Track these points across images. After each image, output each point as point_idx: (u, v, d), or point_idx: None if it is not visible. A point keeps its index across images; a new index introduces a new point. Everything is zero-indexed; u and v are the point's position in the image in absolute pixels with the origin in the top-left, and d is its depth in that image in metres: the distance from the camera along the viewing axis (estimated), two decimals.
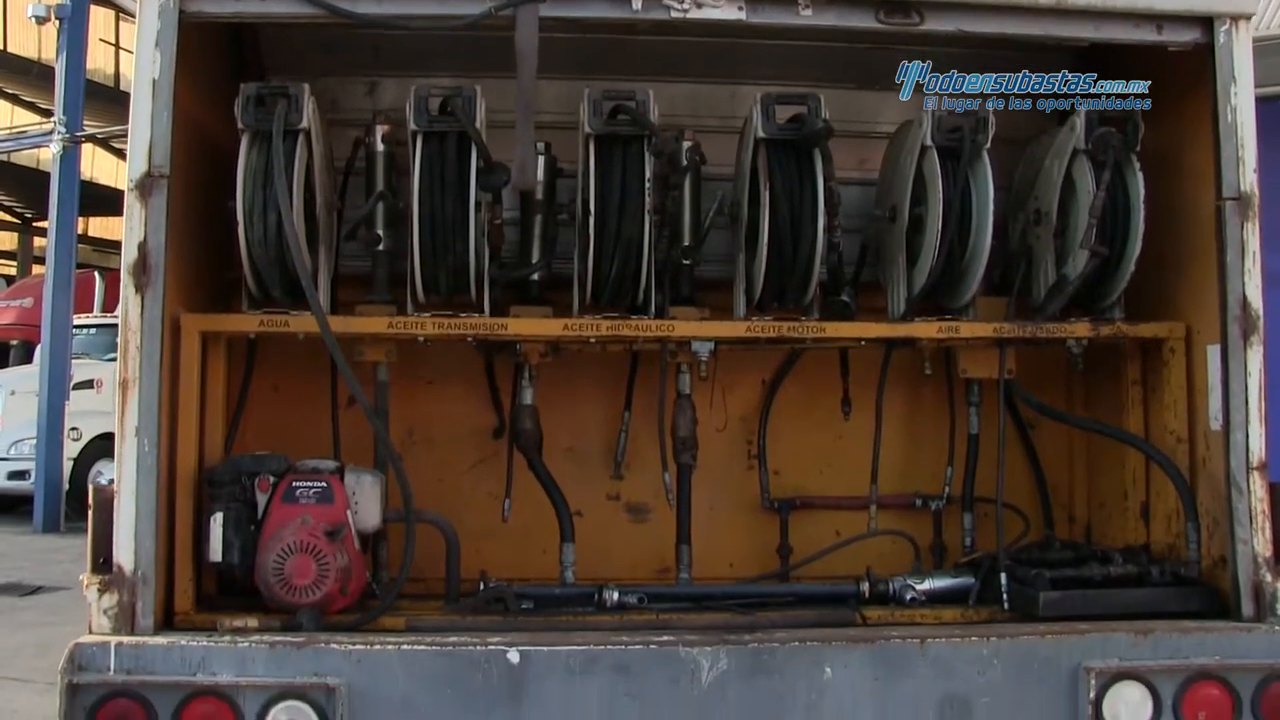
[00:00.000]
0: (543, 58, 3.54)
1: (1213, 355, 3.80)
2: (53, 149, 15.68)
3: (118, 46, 28.13)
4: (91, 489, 3.49)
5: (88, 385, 15.48)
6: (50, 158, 16.23)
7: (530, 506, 4.26)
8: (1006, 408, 4.23)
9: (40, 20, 16.03)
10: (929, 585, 4.03)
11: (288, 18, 3.64)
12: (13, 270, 30.67)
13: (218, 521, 3.59)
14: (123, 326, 3.42)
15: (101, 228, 29.62)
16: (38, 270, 26.13)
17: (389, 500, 3.84)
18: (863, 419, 4.49)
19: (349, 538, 3.61)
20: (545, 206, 4.22)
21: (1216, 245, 3.75)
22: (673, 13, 3.58)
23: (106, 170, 28.61)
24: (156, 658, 3.23)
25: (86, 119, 16.63)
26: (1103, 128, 3.96)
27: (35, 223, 29.72)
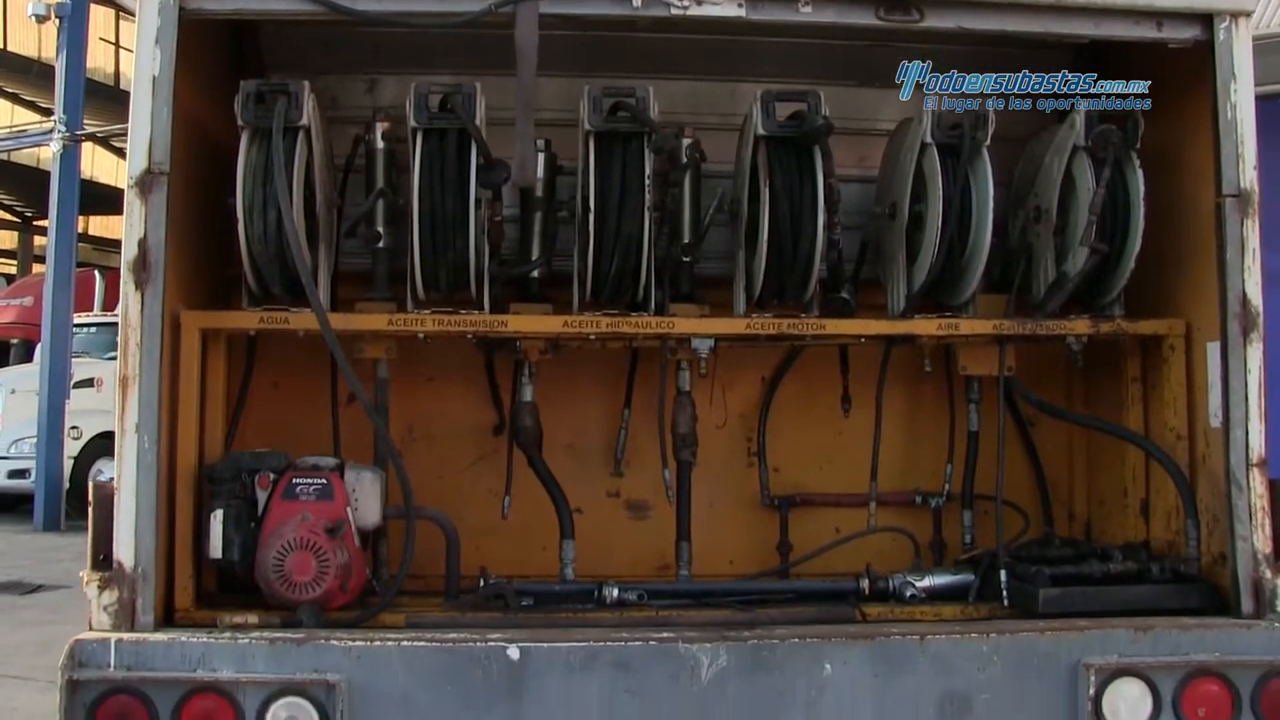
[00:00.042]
0: (543, 55, 3.54)
1: (1212, 352, 3.80)
2: (53, 148, 15.68)
3: (118, 45, 28.13)
4: (92, 485, 3.49)
5: (88, 384, 15.48)
6: (50, 156, 16.22)
7: (530, 503, 4.26)
8: (1006, 405, 4.23)
9: (40, 19, 16.00)
10: (929, 582, 4.03)
11: (288, 14, 3.64)
12: (13, 269, 30.67)
13: (218, 518, 3.60)
14: (123, 323, 3.42)
15: (102, 226, 29.61)
16: (38, 269, 26.13)
17: (389, 497, 3.85)
18: (862, 416, 4.49)
19: (349, 534, 3.62)
20: (545, 204, 4.22)
21: (1216, 242, 3.75)
22: (673, 10, 3.58)
23: (107, 169, 28.62)
24: (157, 654, 3.24)
25: (86, 118, 16.63)
26: (1103, 125, 3.95)
27: (35, 221, 29.72)
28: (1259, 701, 3.44)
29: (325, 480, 3.66)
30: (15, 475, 15.50)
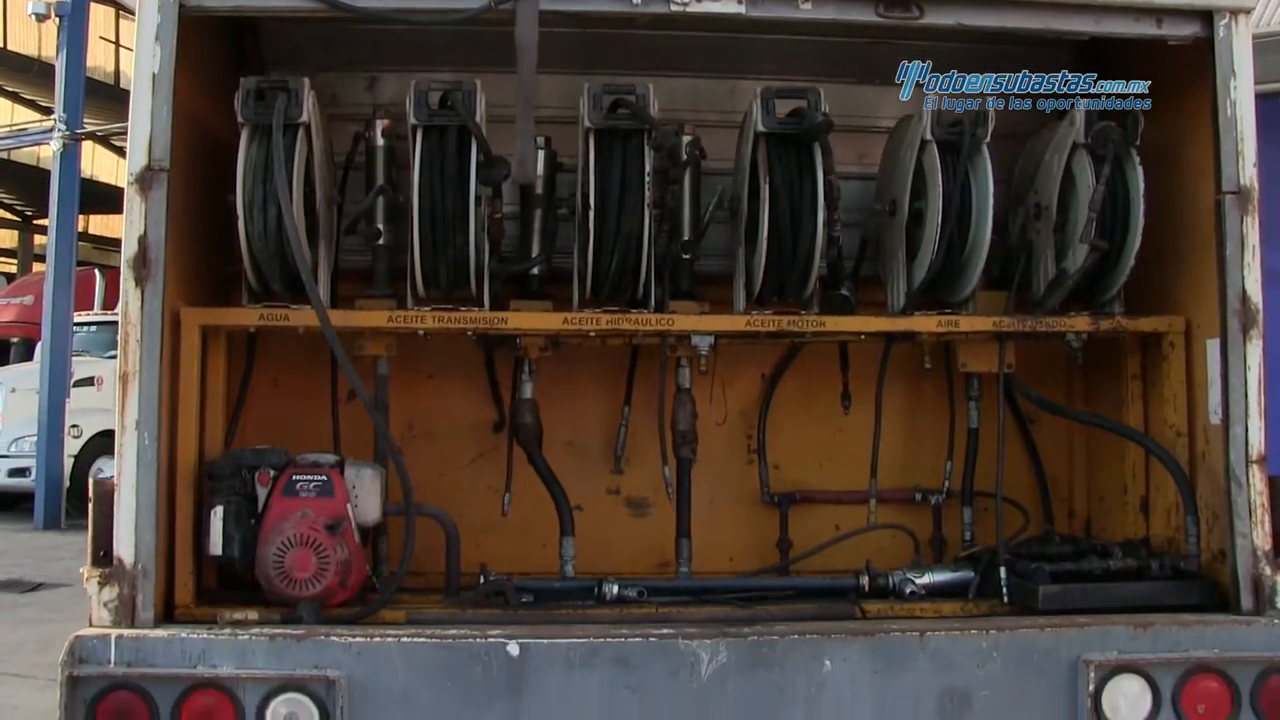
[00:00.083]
0: (542, 52, 3.54)
1: (1212, 349, 3.80)
2: (53, 146, 15.67)
3: (118, 44, 28.12)
4: (92, 482, 3.49)
5: (88, 382, 15.48)
6: (50, 155, 16.22)
7: (530, 501, 4.26)
8: (1006, 402, 4.23)
9: (40, 18, 16.00)
10: (929, 579, 4.03)
11: (288, 11, 3.65)
12: (13, 268, 30.67)
13: (218, 515, 3.59)
14: (123, 320, 3.42)
15: (102, 225, 29.61)
16: (38, 268, 26.12)
17: (389, 494, 3.85)
18: (862, 413, 4.49)
19: (349, 531, 3.62)
20: (545, 201, 4.22)
21: (1216, 239, 3.75)
22: (673, 7, 3.58)
23: (107, 168, 28.61)
24: (157, 650, 3.24)
25: (86, 117, 16.62)
26: (1103, 122, 3.95)
27: (35, 220, 29.72)
28: (1258, 698, 3.44)
29: (325, 477, 3.66)
30: (15, 474, 15.51)
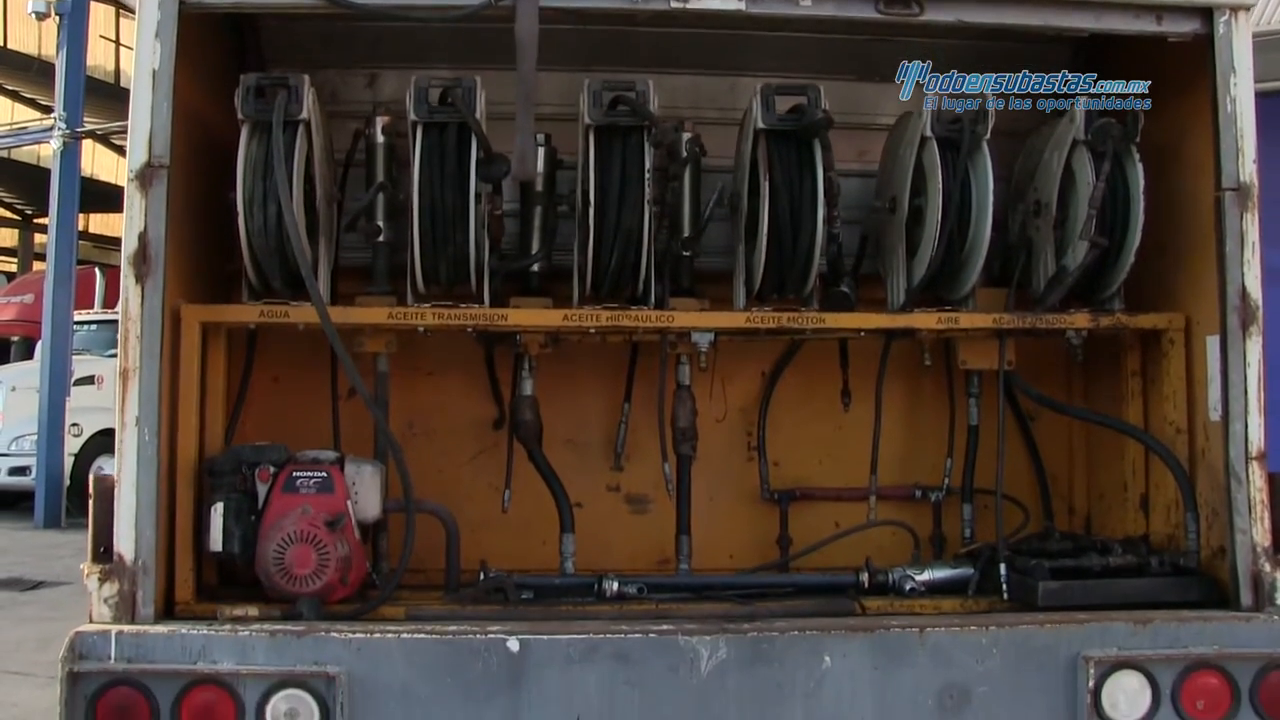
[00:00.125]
0: (542, 49, 3.54)
1: (1212, 346, 3.80)
2: (53, 145, 15.69)
3: (118, 43, 28.12)
4: (92, 478, 3.49)
5: (88, 381, 15.50)
6: (50, 154, 16.23)
7: (530, 497, 4.26)
8: (1006, 399, 4.23)
9: (40, 16, 16.00)
10: (928, 576, 4.02)
11: (288, 8, 3.66)
12: (13, 267, 30.67)
13: (218, 511, 3.59)
14: (123, 316, 3.42)
15: (102, 224, 29.62)
16: (38, 267, 26.13)
17: (389, 491, 3.85)
18: (862, 410, 4.49)
19: (349, 527, 3.61)
20: (545, 198, 4.22)
21: (1216, 236, 3.75)
22: (673, 4, 3.57)
23: (107, 167, 28.62)
24: (157, 646, 3.23)
25: (87, 115, 16.64)
26: (1102, 119, 3.95)
27: (35, 219, 29.74)
28: (1258, 694, 3.44)
29: (325, 473, 3.66)
30: (16, 472, 15.54)
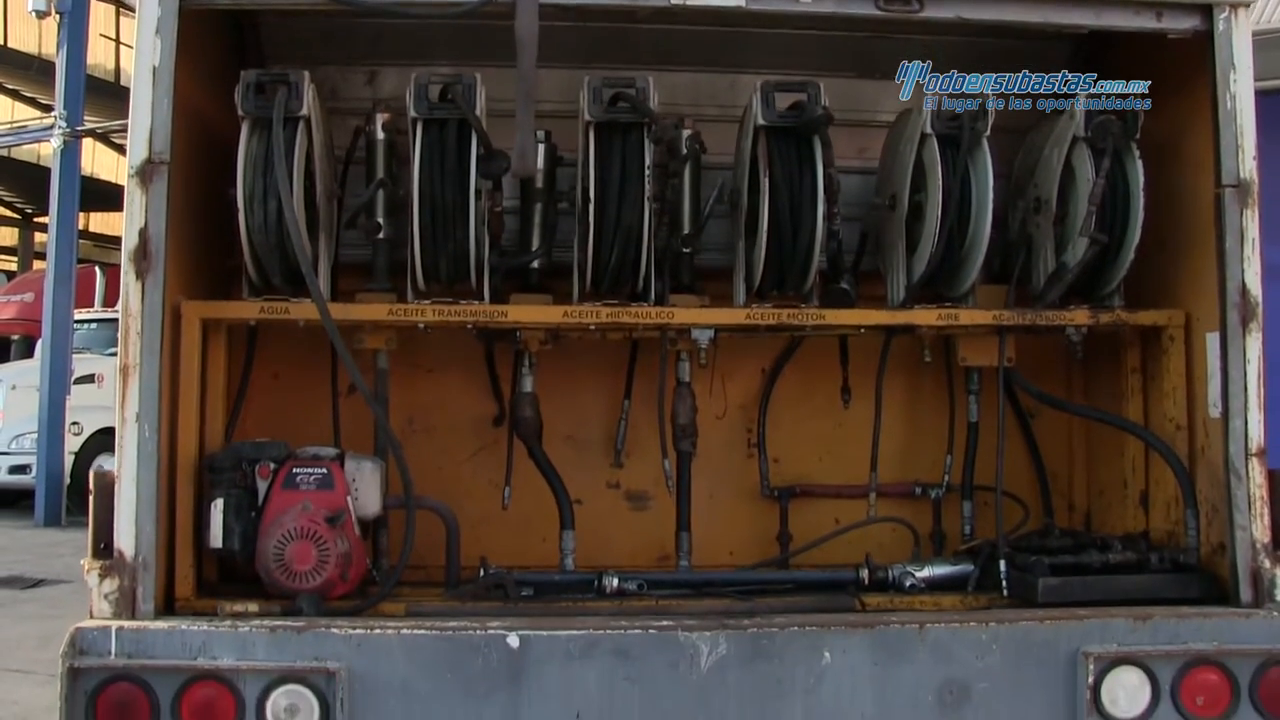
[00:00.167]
0: (543, 46, 3.54)
1: (1212, 342, 3.80)
2: (53, 144, 15.69)
3: (118, 41, 28.14)
4: (92, 474, 3.49)
5: (89, 380, 15.51)
6: (51, 153, 16.23)
7: (530, 494, 4.26)
8: (1006, 396, 4.23)
9: (41, 15, 15.99)
10: (928, 572, 4.02)
11: (288, 4, 3.66)
12: (13, 266, 30.68)
13: (218, 508, 3.59)
14: (123, 312, 3.42)
15: (102, 223, 29.64)
16: (38, 265, 26.13)
17: (389, 487, 3.85)
18: (862, 407, 4.49)
19: (349, 524, 3.61)
20: (545, 194, 4.21)
21: (1216, 232, 3.75)
22: (673, 0, 3.57)
23: (107, 166, 28.63)
24: (157, 642, 3.23)
25: (87, 114, 16.64)
26: (1102, 115, 3.95)
27: (36, 218, 29.74)
28: (1257, 690, 3.44)
29: (325, 470, 3.66)
30: (16, 471, 15.55)
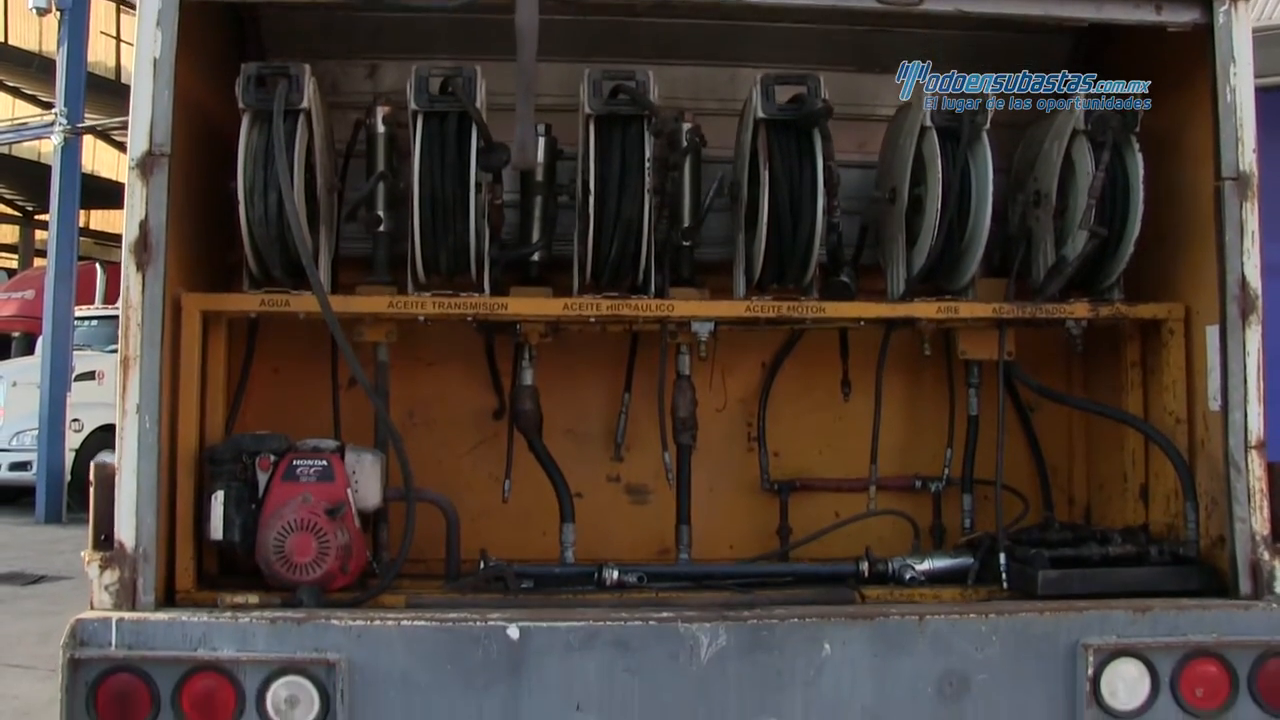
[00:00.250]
0: (543, 40, 3.53)
1: (1211, 335, 3.81)
2: (54, 141, 15.68)
3: (118, 39, 28.15)
4: (93, 466, 3.49)
5: (89, 377, 15.51)
6: (51, 150, 16.23)
7: (530, 487, 4.26)
8: (1006, 389, 4.23)
9: (41, 12, 15.98)
10: (928, 565, 4.03)
11: None
12: (14, 263, 30.68)
13: (219, 500, 3.60)
14: (124, 305, 3.42)
15: (102, 221, 29.65)
16: (39, 263, 26.14)
17: (389, 480, 3.85)
18: (862, 400, 4.49)
19: (349, 516, 3.62)
20: (545, 187, 4.22)
21: (1215, 225, 3.75)
22: None
23: (107, 163, 28.62)
24: (157, 633, 3.24)
25: (87, 111, 16.63)
26: (1102, 110, 3.95)
27: (36, 215, 29.75)
28: (1256, 681, 3.45)
29: (326, 462, 3.66)
30: (17, 468, 15.55)
